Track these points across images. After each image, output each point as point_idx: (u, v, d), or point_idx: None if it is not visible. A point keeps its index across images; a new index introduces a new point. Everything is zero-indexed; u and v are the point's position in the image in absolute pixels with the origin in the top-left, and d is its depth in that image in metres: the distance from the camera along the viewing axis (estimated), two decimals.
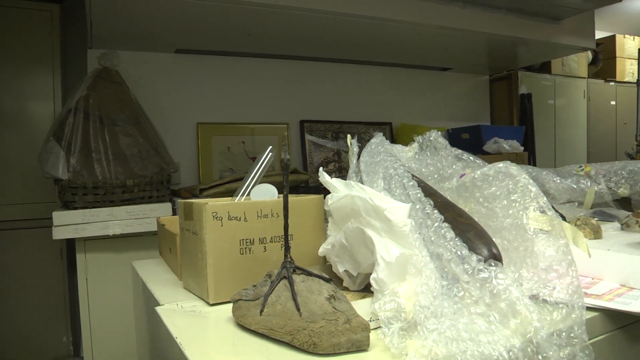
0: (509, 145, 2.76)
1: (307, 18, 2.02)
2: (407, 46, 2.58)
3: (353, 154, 0.91)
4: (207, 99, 2.68)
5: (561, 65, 3.67)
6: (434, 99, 3.20)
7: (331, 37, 2.39)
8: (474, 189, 0.82)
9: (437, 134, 0.96)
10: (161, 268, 1.16)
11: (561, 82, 3.69)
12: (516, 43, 2.57)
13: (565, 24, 2.56)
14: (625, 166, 1.71)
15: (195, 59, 2.64)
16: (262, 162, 0.96)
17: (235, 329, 0.71)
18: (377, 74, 3.03)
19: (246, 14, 2.03)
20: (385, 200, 0.68)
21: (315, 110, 2.89)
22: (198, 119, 2.65)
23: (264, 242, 0.86)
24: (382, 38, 2.39)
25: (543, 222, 0.72)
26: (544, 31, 2.50)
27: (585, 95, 3.86)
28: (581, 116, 3.85)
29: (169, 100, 2.58)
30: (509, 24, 2.34)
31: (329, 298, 0.64)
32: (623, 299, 0.84)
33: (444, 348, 0.53)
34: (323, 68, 2.91)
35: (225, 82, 2.72)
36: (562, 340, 0.63)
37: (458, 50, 2.69)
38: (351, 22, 2.05)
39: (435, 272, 0.64)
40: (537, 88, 3.49)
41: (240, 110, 2.74)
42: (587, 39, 2.74)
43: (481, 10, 2.22)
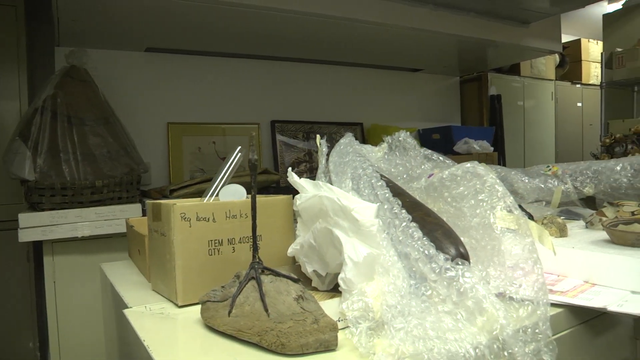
0: (479, 146, 2.80)
1: (278, 18, 2.02)
2: (379, 47, 2.60)
3: (322, 154, 0.91)
4: (178, 98, 2.65)
5: (530, 67, 3.74)
6: (405, 100, 3.23)
7: (302, 38, 2.39)
8: (442, 189, 0.82)
9: (406, 134, 0.97)
10: (130, 270, 1.14)
11: (530, 84, 3.76)
12: (486, 45, 2.60)
13: (533, 28, 2.61)
14: (590, 166, 1.75)
15: (165, 57, 2.61)
16: (231, 162, 0.95)
17: (204, 331, 0.70)
18: (349, 74, 3.04)
19: (216, 13, 2.02)
20: (353, 200, 0.68)
21: (286, 110, 2.89)
22: (168, 118, 2.62)
23: (232, 242, 0.85)
24: (353, 39, 2.40)
25: (510, 221, 0.73)
26: (513, 34, 2.55)
27: (553, 97, 3.95)
28: (549, 117, 3.93)
29: (139, 100, 2.54)
30: (478, 27, 2.38)
31: (297, 298, 0.64)
32: (586, 295, 0.86)
33: (411, 346, 0.54)
34: (294, 68, 2.91)
35: (196, 82, 2.69)
36: (527, 336, 0.64)
37: (429, 51, 2.72)
38: (322, 22, 2.05)
39: (402, 272, 0.65)
40: (506, 89, 3.54)
41: (211, 110, 2.72)
42: (554, 43, 2.80)
43: (451, 13, 2.24)
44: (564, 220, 1.28)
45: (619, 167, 1.69)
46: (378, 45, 2.56)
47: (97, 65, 2.17)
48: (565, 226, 1.19)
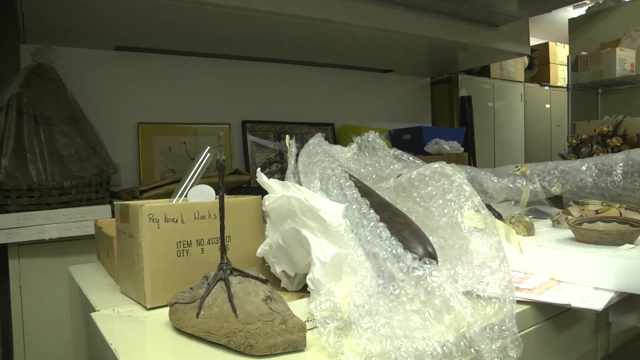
0: (450, 146, 2.83)
1: (248, 18, 2.01)
2: (350, 48, 2.61)
3: (291, 155, 0.91)
4: (148, 98, 2.62)
5: (500, 69, 3.80)
6: (376, 101, 3.25)
7: (273, 38, 2.38)
8: (411, 189, 0.83)
9: (375, 134, 0.98)
10: (98, 273, 1.12)
11: (500, 86, 3.82)
12: (456, 47, 2.64)
13: (502, 31, 2.66)
14: (558, 166, 1.79)
15: (135, 56, 2.58)
16: (200, 163, 0.95)
17: (172, 333, 0.70)
18: (320, 74, 3.05)
19: (187, 13, 2.00)
20: (320, 200, 0.68)
21: (257, 110, 2.87)
22: (138, 118, 2.59)
23: (201, 243, 0.84)
24: (324, 39, 2.41)
25: (477, 220, 0.74)
26: (482, 37, 2.58)
27: (522, 98, 4.02)
28: (519, 118, 4.00)
29: (108, 99, 2.50)
30: (448, 29, 2.40)
31: (265, 299, 0.64)
32: (552, 292, 0.88)
33: (379, 346, 0.54)
34: (266, 68, 2.90)
35: (166, 81, 2.66)
36: (494, 333, 0.65)
37: (400, 52, 2.74)
38: (293, 22, 2.05)
39: (370, 271, 0.65)
40: (476, 91, 3.59)
41: (182, 110, 2.69)
42: (523, 45, 2.85)
43: (422, 15, 2.27)
44: (531, 219, 1.30)
45: (585, 167, 1.73)
46: (349, 46, 2.57)
47: (65, 64, 2.12)
48: (532, 225, 1.22)
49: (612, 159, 1.71)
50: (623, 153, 1.72)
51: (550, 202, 1.72)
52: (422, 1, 2.16)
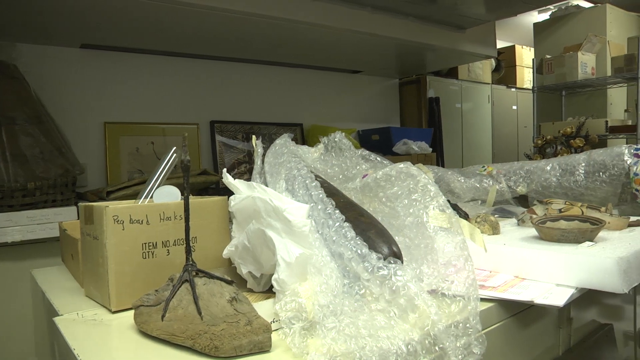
0: (418, 147, 2.86)
1: (217, 17, 1.99)
2: (318, 48, 2.61)
3: (258, 155, 0.91)
4: (115, 97, 2.57)
5: (467, 71, 3.86)
6: (344, 101, 3.26)
7: (243, 37, 2.37)
8: (377, 189, 0.84)
9: (341, 135, 0.98)
10: (63, 276, 1.10)
11: (467, 87, 3.88)
12: (424, 49, 2.66)
13: (469, 33, 2.70)
14: (523, 166, 1.83)
15: (102, 55, 2.53)
16: (166, 163, 0.93)
17: (137, 337, 0.69)
18: (289, 75, 3.04)
19: (154, 11, 1.97)
20: (285, 201, 0.68)
21: (226, 110, 2.86)
22: (105, 118, 2.54)
23: (167, 245, 0.84)
24: (293, 40, 2.40)
25: (442, 219, 0.75)
26: (450, 39, 2.62)
27: (489, 99, 4.09)
28: (486, 119, 4.07)
29: (74, 98, 2.45)
30: (417, 31, 2.43)
31: (230, 300, 0.64)
32: (516, 289, 0.89)
33: (343, 345, 0.54)
34: (234, 68, 2.88)
35: (134, 81, 2.62)
36: (458, 331, 0.66)
37: (368, 54, 2.75)
38: (262, 22, 2.04)
39: (336, 271, 0.65)
40: (445, 92, 3.64)
41: (150, 110, 2.66)
42: (489, 48, 2.90)
43: (390, 16, 2.28)
44: (497, 218, 1.33)
45: (549, 167, 1.77)
46: (318, 47, 2.57)
47: (28, 61, 2.07)
48: (497, 224, 1.24)
49: (574, 159, 1.75)
50: (585, 153, 1.76)
51: (516, 202, 1.75)
52: (391, 3, 2.17)
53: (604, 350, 1.18)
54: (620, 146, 1.69)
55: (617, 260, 0.90)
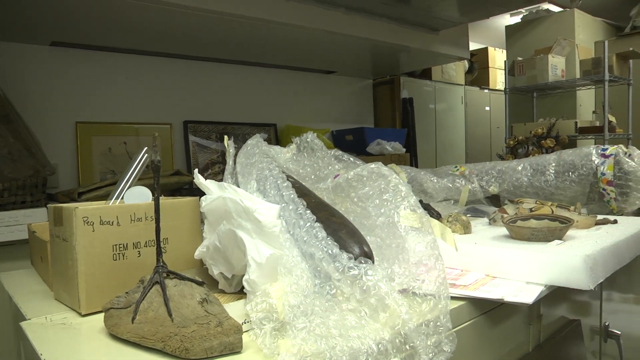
0: (392, 147, 2.87)
1: (190, 16, 1.97)
2: (292, 48, 2.61)
3: (229, 156, 0.91)
4: (87, 96, 2.53)
5: (441, 72, 3.90)
6: (319, 101, 3.26)
7: (216, 37, 2.36)
8: (349, 189, 0.84)
9: (313, 135, 0.98)
10: (32, 279, 1.08)
11: (441, 88, 3.91)
12: (398, 50, 2.68)
13: (442, 35, 2.72)
14: (495, 166, 1.85)
15: (73, 53, 2.49)
16: (137, 164, 0.92)
17: (108, 340, 0.68)
18: (263, 75, 3.04)
19: (127, 9, 1.94)
20: (256, 201, 0.68)
21: (199, 110, 2.83)
22: (77, 117, 2.50)
23: (138, 246, 0.83)
24: (267, 40, 2.40)
25: (413, 219, 0.76)
26: (424, 40, 2.64)
27: (462, 100, 4.13)
28: (459, 120, 4.12)
29: (44, 98, 2.40)
30: (390, 32, 2.44)
31: (201, 301, 0.63)
32: (486, 288, 0.91)
33: (313, 345, 0.54)
34: (208, 68, 2.86)
35: (106, 80, 2.58)
36: (429, 329, 0.67)
37: (342, 54, 2.76)
38: (236, 22, 2.03)
39: (306, 272, 0.65)
40: (418, 93, 3.67)
41: (122, 110, 2.62)
42: (462, 50, 2.93)
43: (364, 17, 2.29)
44: (469, 217, 1.34)
45: (520, 167, 1.80)
46: (292, 47, 2.57)
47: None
48: (469, 223, 1.25)
49: (545, 159, 1.79)
50: (555, 154, 1.80)
51: (488, 201, 1.77)
52: (365, 4, 2.18)
53: (572, 345, 1.21)
54: (589, 147, 1.72)
55: (584, 258, 0.92)
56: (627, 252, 1.20)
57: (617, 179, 1.60)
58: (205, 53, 2.71)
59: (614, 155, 1.63)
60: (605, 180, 1.61)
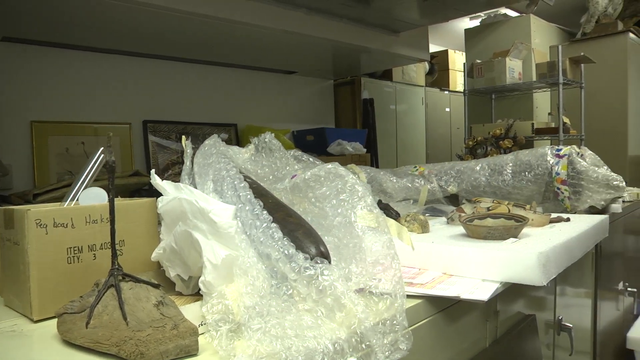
0: (352, 147, 2.89)
1: (149, 13, 1.94)
2: (253, 48, 2.59)
3: (187, 156, 0.90)
4: (43, 95, 2.45)
5: (401, 73, 3.94)
6: (279, 101, 3.25)
7: (176, 36, 2.32)
8: (307, 190, 0.85)
9: (271, 135, 0.99)
10: None
11: (401, 89, 3.95)
12: (359, 51, 2.69)
13: (402, 37, 2.75)
14: (454, 166, 1.89)
15: (27, 49, 2.40)
16: (93, 164, 0.91)
17: (61, 346, 0.66)
18: (223, 74, 3.01)
19: (82, 4, 1.88)
20: (211, 202, 0.68)
21: (159, 110, 2.79)
22: (32, 117, 2.42)
23: (93, 249, 0.81)
24: (227, 39, 2.38)
25: (370, 219, 0.77)
26: (384, 42, 2.66)
27: (423, 102, 4.19)
28: (420, 121, 4.17)
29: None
30: (351, 33, 2.46)
31: (157, 304, 0.63)
32: (443, 286, 0.93)
33: (269, 346, 0.55)
34: (168, 67, 2.82)
35: (63, 78, 2.51)
36: (386, 328, 0.67)
37: (303, 55, 2.75)
38: (196, 21, 2.01)
39: (263, 272, 0.66)
40: (379, 94, 3.69)
41: (80, 109, 2.55)
42: (422, 52, 2.96)
43: (325, 18, 2.30)
44: (427, 217, 1.37)
45: (479, 167, 1.84)
46: (253, 47, 2.56)
47: None
48: (427, 222, 1.27)
49: (502, 159, 1.83)
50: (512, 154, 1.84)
51: (447, 201, 1.81)
52: (326, 5, 2.19)
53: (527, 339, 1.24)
54: (544, 147, 1.78)
55: (537, 255, 0.95)
56: (579, 248, 1.24)
57: (570, 178, 1.65)
58: (166, 52, 2.66)
59: (567, 155, 1.68)
60: (559, 180, 1.67)
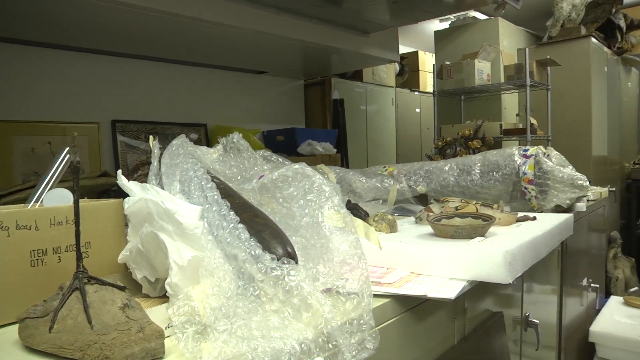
0: (323, 147, 2.89)
1: (117, 11, 1.90)
2: (223, 48, 2.58)
3: (154, 156, 0.89)
4: (7, 93, 2.39)
5: (372, 74, 3.96)
6: (249, 102, 3.23)
7: (145, 34, 2.29)
8: (275, 190, 0.85)
9: (239, 135, 0.98)
10: None
11: (372, 90, 3.97)
12: (329, 51, 2.70)
13: (372, 38, 2.77)
14: (423, 166, 1.91)
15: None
16: (58, 165, 0.89)
17: (22, 353, 0.64)
18: (193, 74, 2.98)
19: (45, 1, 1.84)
20: (177, 202, 0.68)
21: (128, 109, 2.74)
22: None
23: (58, 251, 0.79)
24: (197, 38, 2.36)
25: (337, 219, 0.78)
26: (354, 42, 2.67)
27: (393, 102, 4.22)
28: (390, 121, 4.20)
29: None
30: (321, 33, 2.46)
31: (122, 307, 0.62)
32: (410, 285, 0.94)
33: (235, 348, 0.54)
34: (137, 66, 2.77)
35: (29, 76, 2.45)
36: (353, 327, 0.68)
37: (273, 55, 2.75)
38: (165, 19, 1.98)
39: (229, 273, 0.65)
40: (349, 94, 3.71)
41: (47, 108, 2.49)
42: (392, 53, 2.98)
43: (294, 18, 2.29)
44: (395, 216, 1.38)
45: (447, 167, 1.86)
46: (223, 46, 2.54)
47: None
48: (395, 222, 1.29)
49: (471, 159, 1.86)
50: (481, 154, 1.87)
51: (416, 201, 1.83)
52: (296, 5, 2.19)
53: (495, 336, 1.27)
54: (512, 147, 1.81)
55: (503, 253, 0.97)
56: (544, 246, 1.27)
57: (537, 178, 1.69)
58: (135, 50, 2.62)
59: (534, 155, 1.72)
60: (526, 180, 1.70)
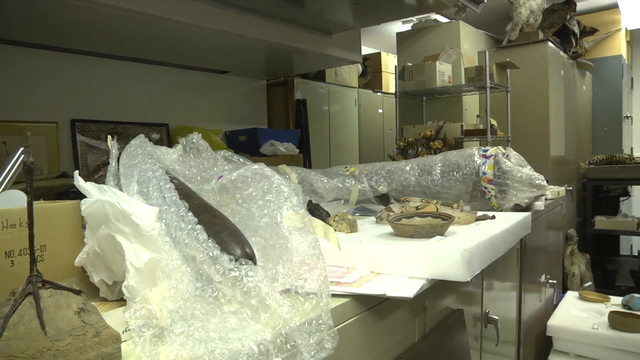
0: (285, 148, 2.89)
1: (77, 7, 1.85)
2: (184, 47, 2.54)
3: (112, 157, 0.88)
4: None
5: (335, 75, 3.97)
6: (211, 101, 3.20)
7: (105, 32, 2.24)
8: (234, 190, 0.85)
9: (198, 136, 0.98)
10: None
11: (335, 90, 3.99)
12: (291, 52, 2.69)
13: (335, 39, 2.78)
14: (384, 166, 1.93)
15: None
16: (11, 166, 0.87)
17: None
18: (155, 73, 2.93)
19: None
20: (133, 204, 0.67)
21: (88, 109, 2.68)
22: None
23: (11, 255, 0.77)
24: (159, 37, 2.32)
25: (296, 220, 0.78)
26: (317, 43, 2.68)
27: (356, 103, 4.25)
28: (353, 122, 4.23)
29: None
30: (284, 34, 2.45)
31: (78, 311, 0.60)
32: (370, 284, 0.95)
33: (192, 350, 0.54)
34: (97, 64, 2.71)
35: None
36: (311, 327, 0.68)
37: (235, 54, 2.72)
38: (126, 17, 1.94)
39: (187, 275, 0.65)
40: (312, 95, 3.71)
41: (2, 106, 2.41)
42: (355, 54, 3.00)
43: (257, 18, 2.28)
44: (356, 216, 1.39)
45: (409, 167, 1.89)
46: (185, 45, 2.51)
47: None
48: (355, 222, 1.30)
49: (432, 160, 1.89)
50: (441, 154, 1.90)
51: (378, 201, 1.84)
52: (258, 5, 2.18)
53: (455, 333, 1.29)
54: (472, 148, 1.84)
55: (461, 252, 0.99)
56: (503, 245, 1.30)
57: (496, 177, 1.72)
58: (94, 48, 2.56)
59: (493, 156, 1.75)
60: (486, 179, 1.74)
